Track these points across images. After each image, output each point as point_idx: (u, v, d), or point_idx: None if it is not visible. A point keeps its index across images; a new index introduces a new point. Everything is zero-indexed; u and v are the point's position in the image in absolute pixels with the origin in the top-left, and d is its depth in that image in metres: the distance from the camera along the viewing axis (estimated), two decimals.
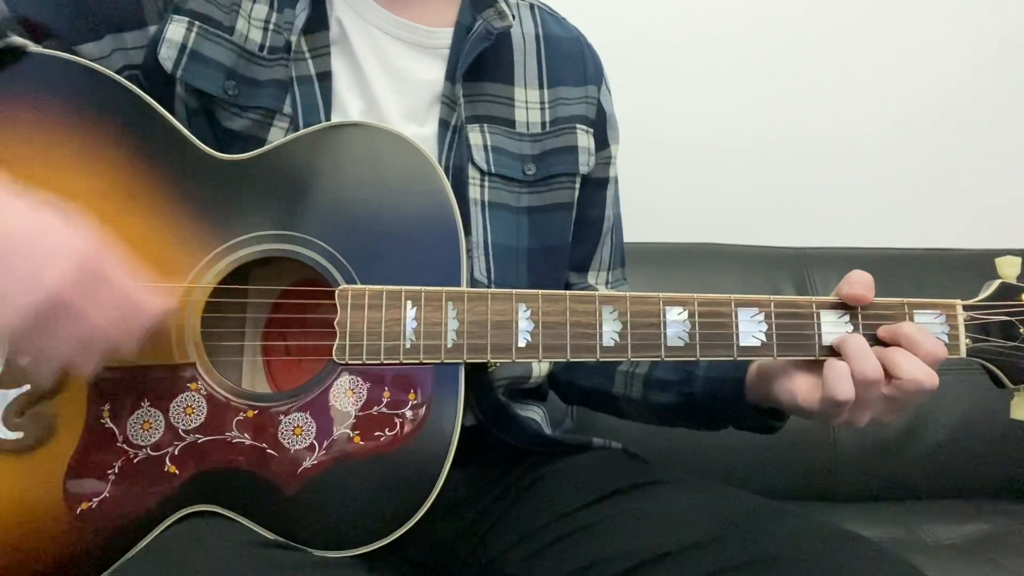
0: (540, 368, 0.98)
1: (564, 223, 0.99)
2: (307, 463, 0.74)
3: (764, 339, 0.79)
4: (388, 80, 0.91)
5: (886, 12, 1.66)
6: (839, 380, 0.75)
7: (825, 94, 1.66)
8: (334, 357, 0.76)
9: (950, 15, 1.67)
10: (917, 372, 0.75)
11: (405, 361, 0.76)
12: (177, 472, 0.74)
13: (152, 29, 0.86)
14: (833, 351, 0.79)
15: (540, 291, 0.78)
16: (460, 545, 0.90)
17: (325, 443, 0.74)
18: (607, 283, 1.08)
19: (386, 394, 0.75)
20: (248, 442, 0.74)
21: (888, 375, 0.75)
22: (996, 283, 0.82)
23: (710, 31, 1.64)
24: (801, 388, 0.80)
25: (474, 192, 0.92)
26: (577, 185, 1.00)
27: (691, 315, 0.78)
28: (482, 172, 0.93)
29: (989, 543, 1.27)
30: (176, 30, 0.86)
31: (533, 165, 0.96)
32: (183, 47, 0.86)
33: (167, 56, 0.85)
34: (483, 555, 0.88)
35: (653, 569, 0.76)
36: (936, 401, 1.43)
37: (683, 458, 1.31)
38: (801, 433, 1.37)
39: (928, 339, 0.76)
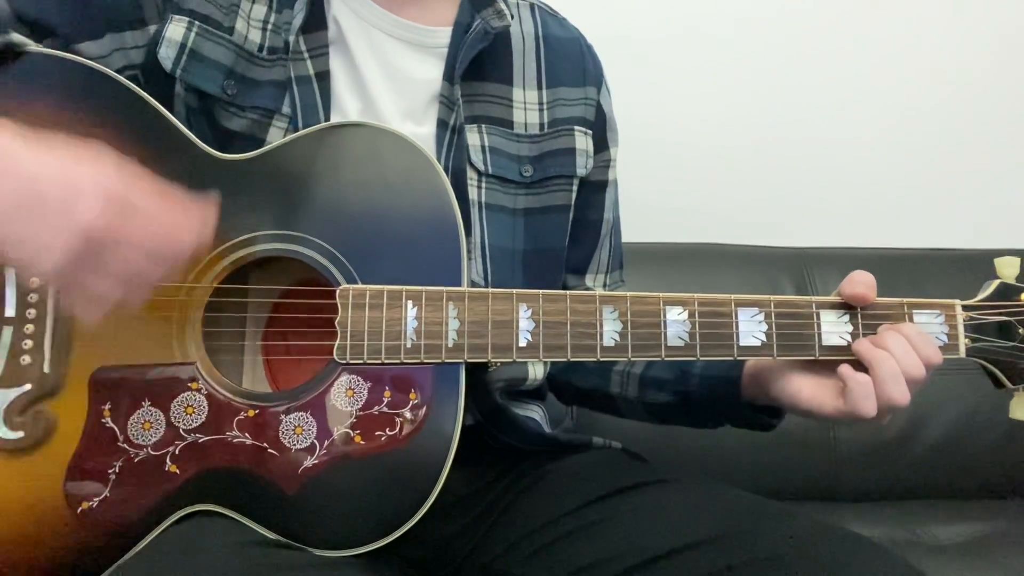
0: (536, 370, 0.97)
1: (560, 225, 0.99)
2: (308, 463, 0.74)
3: (764, 339, 0.79)
4: (386, 79, 0.91)
5: (886, 11, 1.66)
6: (866, 397, 0.76)
7: (825, 94, 1.66)
8: (335, 357, 0.76)
9: (950, 15, 1.67)
10: (895, 395, 0.76)
11: (406, 361, 0.76)
12: (178, 472, 0.74)
13: (152, 29, 0.86)
14: (833, 350, 0.79)
15: (541, 291, 0.78)
16: (460, 544, 0.90)
17: (326, 443, 0.74)
18: (605, 286, 1.08)
19: (387, 394, 0.75)
20: (249, 442, 0.74)
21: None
22: (995, 283, 0.82)
23: (709, 30, 1.64)
24: (803, 390, 0.80)
25: (472, 193, 0.92)
26: (574, 188, 1.00)
27: (691, 315, 0.78)
28: (479, 173, 0.93)
29: (989, 543, 1.28)
30: (176, 30, 0.86)
31: (530, 167, 0.96)
32: (183, 46, 0.86)
33: (167, 55, 0.86)
34: (483, 555, 0.88)
35: (653, 569, 0.76)
36: (936, 401, 1.43)
37: (683, 458, 1.31)
38: (801, 433, 1.39)
39: (925, 344, 0.77)
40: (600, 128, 1.03)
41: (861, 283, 0.79)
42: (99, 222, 0.64)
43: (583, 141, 1.00)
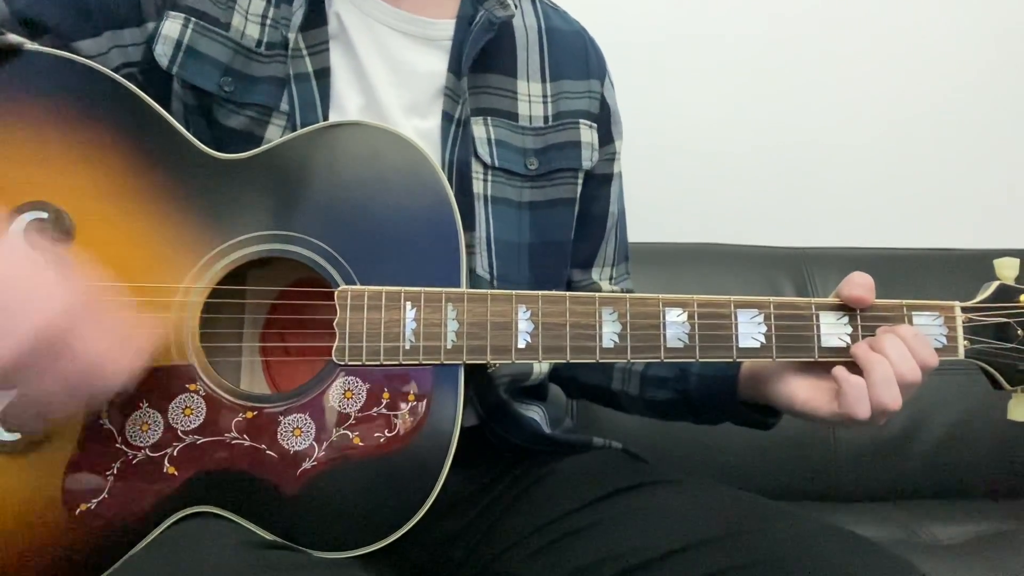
0: (540, 367, 0.97)
1: (566, 218, 0.99)
2: (306, 464, 0.74)
3: (763, 341, 0.79)
4: (389, 73, 0.91)
5: (886, 12, 1.66)
6: (859, 400, 0.76)
7: (825, 94, 1.66)
8: (333, 358, 0.76)
9: (950, 15, 1.67)
10: (886, 398, 0.76)
11: (404, 362, 0.76)
12: (176, 473, 0.74)
13: (150, 26, 0.86)
14: (832, 352, 0.79)
15: (540, 292, 0.78)
16: (460, 545, 0.90)
17: (324, 444, 0.74)
18: (611, 279, 1.08)
19: (385, 395, 0.75)
20: (247, 443, 0.74)
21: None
22: (994, 285, 0.82)
23: (710, 32, 1.64)
24: (798, 392, 0.80)
25: (477, 186, 0.91)
26: (580, 180, 0.99)
27: (691, 316, 0.78)
28: (485, 166, 0.92)
29: (989, 543, 1.28)
30: (172, 26, 0.86)
31: (535, 159, 0.95)
32: (179, 43, 0.86)
33: (163, 52, 0.85)
34: (483, 555, 0.88)
35: (653, 569, 0.76)
36: (936, 401, 1.44)
37: (683, 458, 1.31)
38: (801, 433, 1.39)
39: (922, 347, 0.77)
40: (604, 121, 1.03)
41: (860, 285, 0.79)
42: (24, 351, 0.62)
43: (588, 134, 1.00)
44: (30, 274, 0.66)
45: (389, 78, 0.91)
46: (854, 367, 0.78)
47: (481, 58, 0.92)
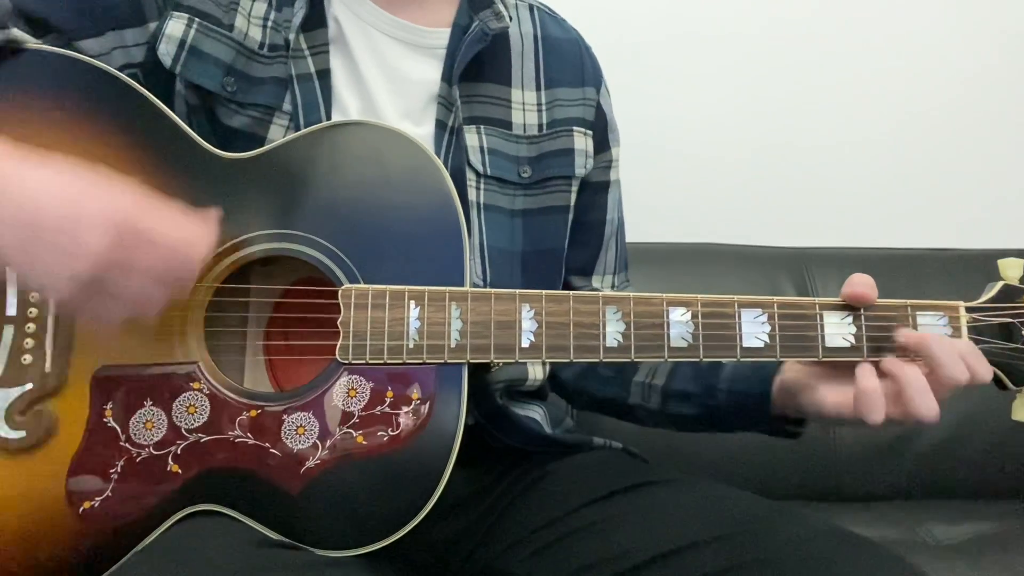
0: (536, 371, 0.97)
1: (559, 226, 0.99)
2: (310, 463, 0.74)
3: (767, 340, 0.79)
4: (384, 79, 0.91)
5: (886, 13, 1.66)
6: (874, 409, 0.76)
7: (825, 94, 1.66)
8: (337, 357, 0.76)
9: (950, 16, 1.67)
10: (922, 408, 0.77)
11: (408, 361, 0.76)
12: (179, 471, 0.74)
13: (152, 26, 0.86)
14: (835, 352, 0.79)
15: (544, 291, 0.78)
16: (461, 545, 0.90)
17: (328, 443, 0.74)
18: (612, 287, 1.08)
19: (389, 394, 0.75)
20: (251, 441, 0.74)
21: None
22: (998, 285, 0.82)
23: (709, 32, 1.64)
24: (826, 401, 0.81)
25: (471, 194, 0.92)
26: (574, 188, 1.00)
27: (694, 316, 0.78)
28: (478, 174, 0.92)
29: (989, 543, 1.28)
30: (176, 26, 0.86)
31: (529, 167, 0.95)
32: (182, 43, 0.86)
33: (166, 52, 0.85)
34: (483, 555, 0.89)
35: (653, 569, 0.76)
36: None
37: (683, 458, 1.31)
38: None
39: (954, 365, 0.77)
40: (600, 129, 1.03)
41: (861, 283, 0.79)
42: (106, 253, 0.64)
43: (582, 142, 1.00)
44: (91, 179, 0.67)
45: (384, 84, 0.91)
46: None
47: (475, 67, 0.92)
